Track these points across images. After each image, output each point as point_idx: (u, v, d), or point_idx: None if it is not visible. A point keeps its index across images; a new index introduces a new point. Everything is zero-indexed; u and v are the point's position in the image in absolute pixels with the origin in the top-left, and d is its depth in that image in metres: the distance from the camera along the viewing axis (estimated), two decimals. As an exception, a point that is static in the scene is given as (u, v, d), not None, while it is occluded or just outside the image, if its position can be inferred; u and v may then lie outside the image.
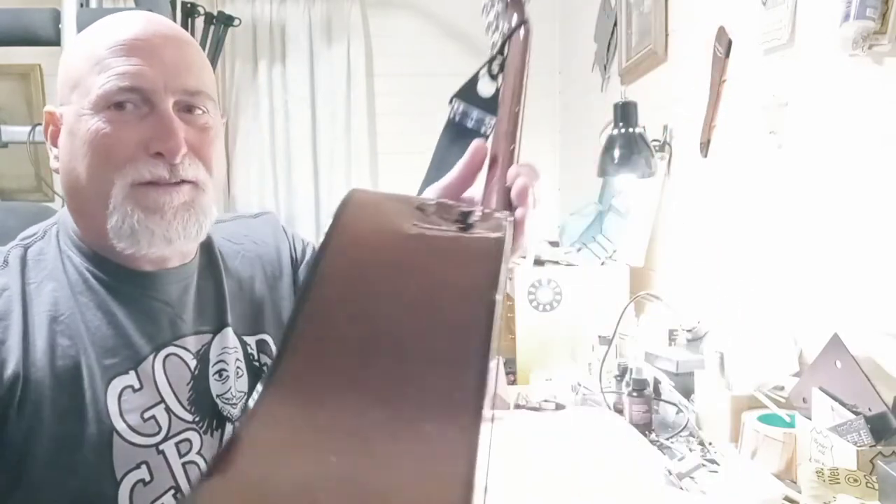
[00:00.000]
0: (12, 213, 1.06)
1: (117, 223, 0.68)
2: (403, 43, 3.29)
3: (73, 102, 0.69)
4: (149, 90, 0.67)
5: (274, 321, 0.85)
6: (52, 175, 3.05)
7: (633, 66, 2.05)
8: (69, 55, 0.72)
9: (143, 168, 0.67)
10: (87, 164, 0.68)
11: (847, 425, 0.91)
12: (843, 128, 1.11)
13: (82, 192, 0.70)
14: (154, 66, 0.68)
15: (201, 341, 0.77)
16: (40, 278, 0.71)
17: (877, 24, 0.96)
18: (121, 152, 0.67)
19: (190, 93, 0.70)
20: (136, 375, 0.71)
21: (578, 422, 1.31)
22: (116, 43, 0.67)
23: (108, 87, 0.66)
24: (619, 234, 1.97)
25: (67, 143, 0.70)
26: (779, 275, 1.29)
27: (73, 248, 0.74)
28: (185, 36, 0.73)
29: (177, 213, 0.69)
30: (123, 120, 0.67)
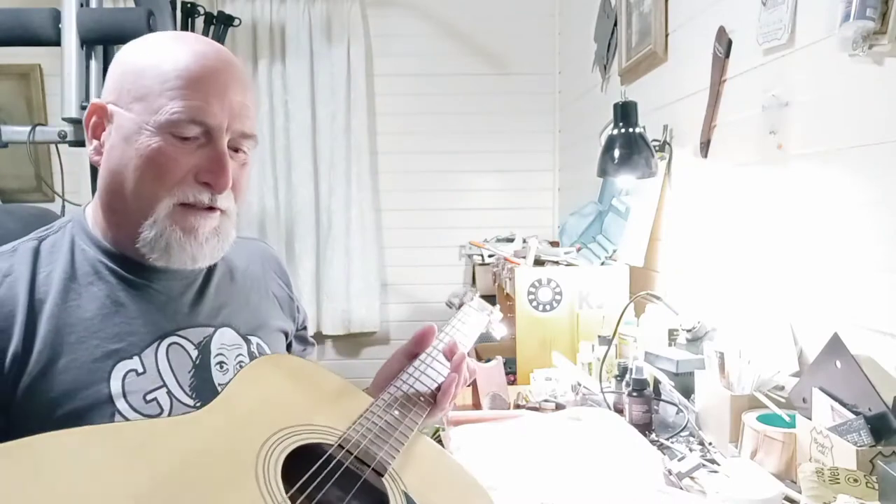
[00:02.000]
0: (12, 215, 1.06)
1: (155, 236, 0.76)
2: (403, 43, 3.30)
3: (133, 111, 0.75)
4: (213, 126, 0.75)
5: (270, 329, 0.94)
6: (52, 175, 3.06)
7: (633, 66, 2.05)
8: (133, 61, 0.77)
9: (189, 192, 0.76)
10: (139, 176, 0.75)
11: (847, 425, 0.91)
12: (844, 128, 1.11)
13: (124, 196, 0.77)
14: (222, 107, 0.75)
15: (203, 334, 0.83)
16: (51, 268, 0.77)
17: (877, 24, 0.96)
18: (174, 175, 0.75)
19: (243, 135, 0.79)
20: (140, 360, 0.76)
21: (578, 422, 1.31)
22: (190, 74, 0.74)
23: (178, 118, 0.73)
24: (619, 234, 1.97)
25: (119, 145, 0.76)
26: (779, 275, 1.29)
27: (88, 241, 0.80)
28: (246, 77, 0.81)
29: (208, 238, 0.79)
30: (182, 146, 0.75)
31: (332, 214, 3.24)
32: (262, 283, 0.97)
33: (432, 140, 3.33)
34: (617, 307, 1.65)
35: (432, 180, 3.35)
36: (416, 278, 3.40)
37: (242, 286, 0.92)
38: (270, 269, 1.00)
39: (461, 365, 0.89)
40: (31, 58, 2.92)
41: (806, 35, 1.19)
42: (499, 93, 3.31)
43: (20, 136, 2.09)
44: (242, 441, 0.66)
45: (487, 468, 1.11)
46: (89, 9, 2.02)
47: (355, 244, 3.26)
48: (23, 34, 1.95)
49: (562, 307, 1.78)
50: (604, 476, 1.06)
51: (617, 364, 1.49)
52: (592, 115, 2.62)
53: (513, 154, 3.36)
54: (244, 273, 0.94)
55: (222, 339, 0.84)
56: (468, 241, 3.11)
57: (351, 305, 3.25)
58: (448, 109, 3.32)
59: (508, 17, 3.29)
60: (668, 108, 1.83)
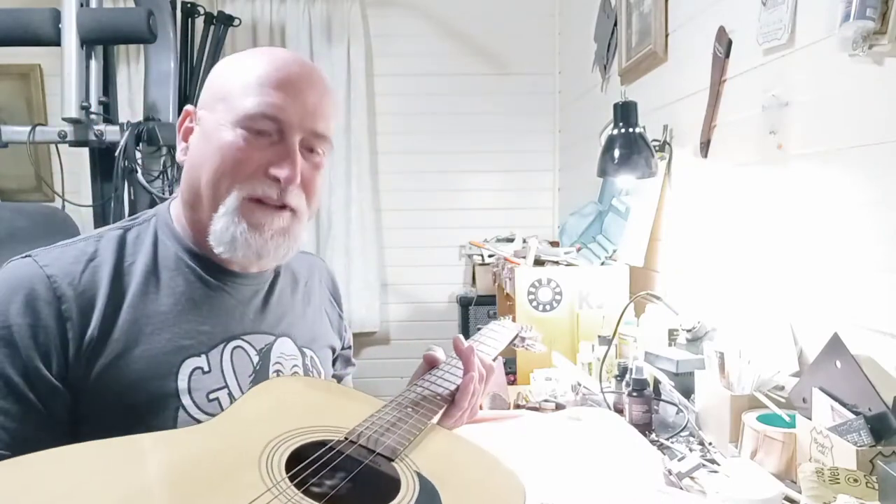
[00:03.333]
0: (21, 213, 1.08)
1: (222, 228, 0.78)
2: (403, 43, 3.30)
3: (216, 111, 0.79)
4: (284, 122, 0.77)
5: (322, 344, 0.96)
6: (52, 175, 3.06)
7: (633, 66, 2.05)
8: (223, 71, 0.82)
9: (258, 186, 0.77)
10: (213, 169, 0.77)
11: (847, 425, 0.91)
12: (844, 128, 1.11)
13: (200, 190, 0.79)
14: (295, 105, 0.78)
15: (264, 341, 0.85)
16: (136, 258, 0.80)
17: (877, 24, 0.96)
18: (246, 168, 0.77)
19: (316, 135, 0.81)
20: (207, 359, 0.78)
21: (578, 422, 1.31)
22: (269, 77, 0.78)
23: (253, 111, 0.76)
24: (619, 234, 1.97)
25: (200, 143, 0.80)
26: (779, 275, 1.29)
27: (171, 236, 0.83)
28: (326, 83, 0.83)
29: (274, 236, 0.79)
30: (255, 141, 0.77)
31: (332, 214, 3.24)
32: (318, 298, 0.99)
33: (432, 140, 3.33)
34: (617, 307, 1.65)
35: (432, 180, 3.35)
36: (416, 278, 3.40)
37: (302, 299, 0.95)
38: (325, 287, 1.03)
39: (471, 358, 0.88)
40: (31, 58, 2.93)
41: (806, 35, 1.19)
42: (499, 93, 3.31)
43: (20, 136, 2.09)
44: (246, 442, 0.67)
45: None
46: (89, 9, 2.02)
47: (355, 244, 3.26)
48: (23, 34, 1.96)
49: (562, 307, 1.78)
50: (604, 476, 1.06)
51: (617, 364, 1.49)
52: (592, 115, 2.62)
53: (513, 154, 3.36)
54: (305, 286, 0.97)
55: (282, 349, 0.86)
56: (468, 241, 3.11)
57: (351, 305, 3.25)
58: (448, 109, 3.32)
59: (508, 17, 3.29)
60: (668, 108, 1.83)
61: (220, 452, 0.64)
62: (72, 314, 0.73)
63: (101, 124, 2.07)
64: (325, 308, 1.01)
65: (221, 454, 0.64)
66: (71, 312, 0.73)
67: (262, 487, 0.60)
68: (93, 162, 2.21)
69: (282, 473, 0.62)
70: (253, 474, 0.62)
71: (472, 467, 0.74)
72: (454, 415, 0.86)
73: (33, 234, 0.83)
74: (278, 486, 0.60)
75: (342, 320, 1.05)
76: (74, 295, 0.73)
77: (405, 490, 0.66)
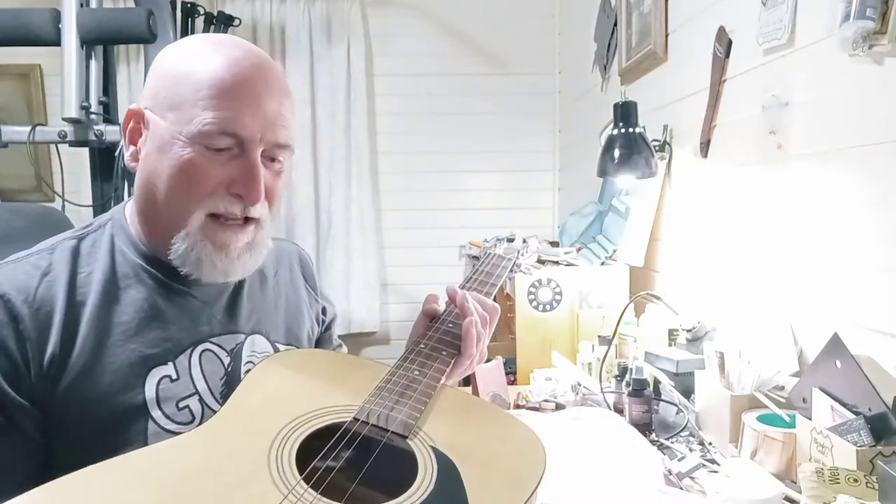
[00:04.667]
0: (18, 214, 1.07)
1: (186, 249, 0.74)
2: (403, 43, 3.30)
3: (167, 120, 0.73)
4: (245, 137, 0.73)
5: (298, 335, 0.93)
6: (52, 175, 3.06)
7: (633, 66, 2.05)
8: (168, 69, 0.75)
9: (221, 203, 0.74)
10: (171, 186, 0.73)
11: (847, 425, 0.91)
12: (844, 128, 1.11)
13: (158, 206, 0.75)
14: (255, 117, 0.73)
15: (235, 340, 0.82)
16: (91, 268, 0.76)
17: (877, 24, 0.96)
18: (205, 186, 0.73)
19: (277, 146, 0.77)
20: (174, 367, 0.76)
21: (578, 422, 1.31)
22: (223, 83, 0.72)
23: (209, 129, 0.71)
24: (619, 234, 1.97)
25: (154, 155, 0.75)
26: (779, 275, 1.29)
27: (128, 242, 0.79)
28: (283, 83, 0.78)
29: (240, 254, 0.77)
30: (215, 158, 0.73)
31: (331, 214, 3.24)
32: (292, 287, 0.96)
33: (432, 140, 3.33)
34: (617, 307, 1.65)
35: (432, 180, 3.35)
36: (416, 278, 3.40)
37: (273, 292, 0.92)
38: (299, 272, 0.99)
39: (465, 304, 0.85)
40: (31, 58, 2.92)
41: (806, 35, 1.19)
42: (499, 93, 3.31)
43: (20, 136, 2.09)
44: (251, 441, 0.64)
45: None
46: (89, 9, 2.02)
47: (355, 244, 3.26)
48: (23, 34, 1.95)
49: (562, 307, 1.78)
50: (604, 476, 1.06)
51: (617, 364, 1.49)
52: (592, 115, 2.62)
53: (513, 154, 3.36)
54: (275, 278, 0.93)
55: (253, 347, 0.84)
56: (468, 241, 3.11)
57: (351, 305, 3.25)
58: (448, 109, 3.32)
59: (508, 17, 3.29)
60: (668, 108, 1.83)
61: (225, 460, 0.62)
62: (30, 333, 0.70)
63: (101, 124, 2.07)
64: (301, 295, 0.97)
65: (226, 462, 0.62)
66: (29, 332, 0.70)
67: (278, 495, 0.57)
68: (93, 162, 2.21)
69: (295, 475, 0.60)
70: (264, 480, 0.59)
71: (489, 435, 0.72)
72: (463, 363, 0.84)
73: (31, 234, 0.81)
74: (294, 492, 0.58)
75: (318, 303, 1.01)
76: (30, 313, 0.71)
77: (423, 471, 0.63)
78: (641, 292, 1.66)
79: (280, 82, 0.77)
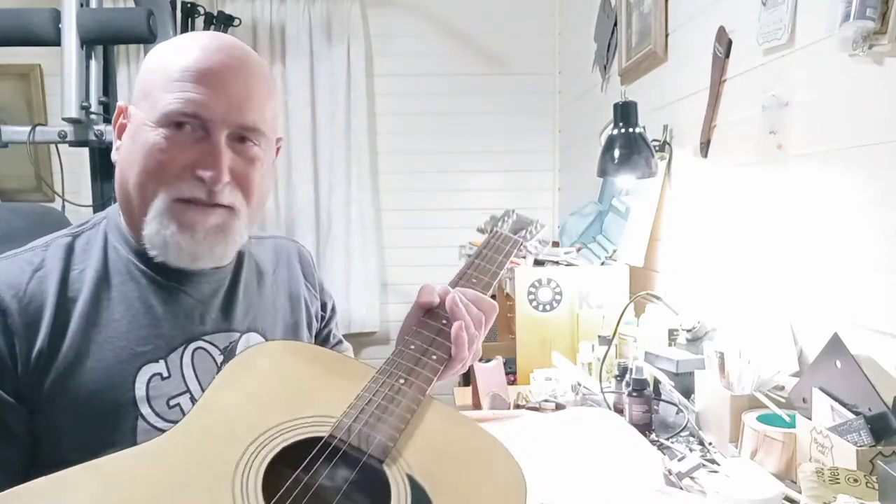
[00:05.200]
0: (18, 213, 1.07)
1: (153, 232, 0.74)
2: (403, 43, 3.30)
3: (141, 109, 0.75)
4: (207, 119, 0.73)
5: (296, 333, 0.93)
6: (52, 175, 3.05)
7: (633, 66, 2.05)
8: (148, 63, 0.77)
9: (185, 187, 0.73)
10: (138, 171, 0.74)
11: (847, 425, 0.91)
12: (844, 128, 1.11)
13: (129, 194, 0.76)
14: (218, 98, 0.73)
15: (229, 339, 0.82)
16: (85, 265, 0.77)
17: (877, 24, 0.96)
18: (170, 170, 0.73)
19: (245, 128, 0.76)
20: (166, 364, 0.76)
21: (578, 422, 1.31)
22: (189, 68, 0.73)
23: (172, 108, 0.72)
24: (619, 234, 1.97)
25: (128, 145, 0.77)
26: (779, 275, 1.29)
27: (121, 240, 0.79)
28: (256, 70, 0.78)
29: (207, 235, 0.75)
30: (179, 140, 0.73)
31: (331, 214, 3.24)
32: (290, 285, 0.95)
33: (432, 140, 3.33)
34: (617, 307, 1.65)
35: (432, 180, 3.35)
36: (416, 278, 3.39)
37: (270, 289, 0.91)
38: (298, 269, 0.98)
39: (454, 308, 0.80)
40: (31, 58, 2.92)
41: (806, 35, 1.19)
42: (499, 93, 3.31)
43: (20, 136, 2.09)
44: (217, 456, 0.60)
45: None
46: (89, 9, 2.02)
47: (355, 244, 3.26)
48: (23, 34, 1.95)
49: (562, 307, 1.78)
50: (604, 476, 1.06)
51: (617, 364, 1.49)
52: (592, 115, 2.62)
53: (513, 154, 3.36)
54: (272, 275, 0.93)
55: (248, 344, 0.83)
56: (468, 241, 3.10)
57: (351, 305, 3.25)
58: (448, 109, 3.31)
59: (508, 17, 3.29)
60: (668, 108, 1.83)
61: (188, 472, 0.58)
62: (17, 328, 0.70)
63: (101, 124, 2.07)
64: (301, 292, 0.96)
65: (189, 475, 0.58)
66: (16, 326, 0.70)
67: None
68: (93, 162, 2.21)
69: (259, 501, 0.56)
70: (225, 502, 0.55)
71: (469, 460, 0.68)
72: (455, 367, 0.80)
73: (30, 234, 0.81)
74: None
75: (318, 299, 0.99)
76: (19, 308, 0.71)
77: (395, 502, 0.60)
78: (641, 292, 1.66)
79: (251, 68, 0.77)
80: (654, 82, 1.93)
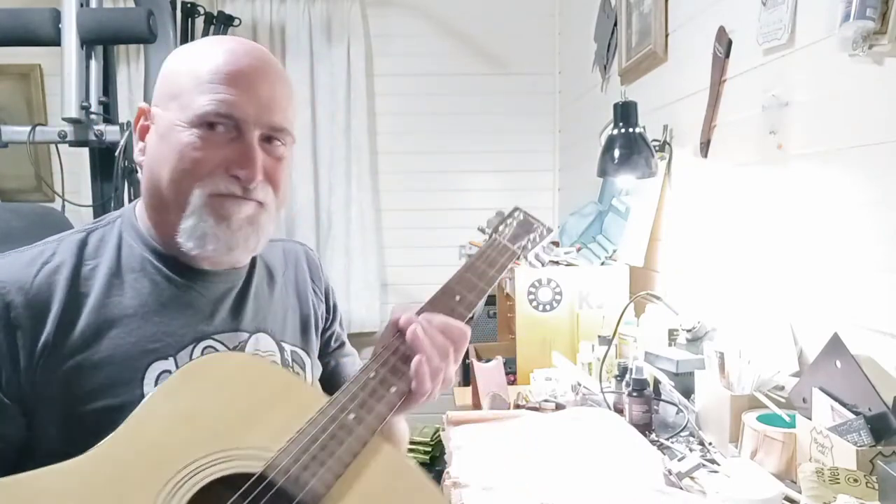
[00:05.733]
0: (16, 214, 1.07)
1: (191, 226, 0.76)
2: (403, 43, 3.30)
3: (169, 110, 0.77)
4: (240, 119, 0.76)
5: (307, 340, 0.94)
6: (52, 175, 3.06)
7: (633, 66, 2.05)
8: (174, 66, 0.80)
9: (221, 183, 0.76)
10: (172, 170, 0.76)
11: (847, 425, 0.91)
12: (844, 128, 1.11)
13: (162, 193, 0.78)
14: (249, 100, 0.76)
15: (238, 339, 0.83)
16: (98, 261, 0.78)
17: (877, 24, 0.96)
18: (205, 167, 0.76)
19: (274, 128, 0.79)
20: (175, 362, 0.76)
21: (578, 422, 1.31)
22: (220, 70, 0.76)
23: (207, 109, 0.75)
24: (619, 234, 1.97)
25: (156, 145, 0.78)
26: (779, 275, 1.29)
27: (136, 237, 0.81)
28: (280, 72, 0.81)
29: (241, 226, 0.78)
30: (213, 140, 0.76)
31: (331, 214, 3.24)
32: (298, 287, 0.97)
33: (432, 140, 3.33)
34: (617, 307, 1.65)
35: (432, 180, 3.35)
36: (416, 278, 3.40)
37: (281, 291, 0.93)
38: (306, 272, 1.00)
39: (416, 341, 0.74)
40: (31, 58, 2.92)
41: (806, 35, 1.19)
42: (499, 93, 3.31)
43: (20, 136, 2.09)
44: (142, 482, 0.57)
45: (487, 468, 1.11)
46: (89, 9, 2.02)
47: (355, 244, 3.26)
48: (23, 34, 1.95)
49: (562, 307, 1.78)
50: (604, 476, 1.06)
51: (617, 364, 1.49)
52: (592, 115, 2.62)
53: (513, 154, 3.36)
54: (282, 278, 0.94)
55: (256, 345, 0.84)
56: (468, 241, 3.10)
57: (351, 305, 3.25)
58: (448, 109, 3.32)
59: (508, 17, 3.29)
60: (668, 108, 1.83)
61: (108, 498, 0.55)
62: (21, 321, 0.70)
63: (101, 124, 2.07)
64: (308, 294, 0.97)
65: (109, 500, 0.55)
66: (21, 319, 0.70)
67: None
68: (93, 162, 2.21)
69: None
70: None
71: None
72: (417, 400, 0.75)
73: (30, 234, 0.81)
74: None
75: (323, 303, 1.00)
76: (25, 301, 0.71)
77: None
78: (641, 292, 1.66)
79: (276, 71, 0.81)
80: (654, 82, 1.93)
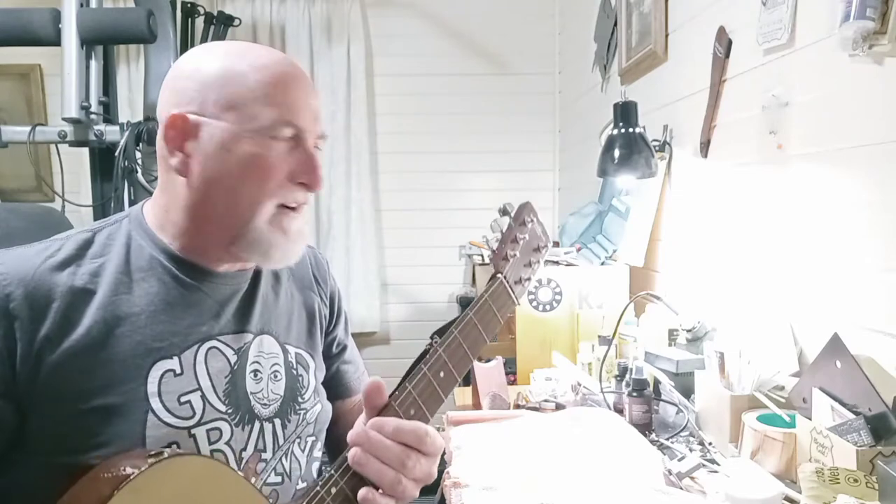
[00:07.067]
0: (16, 213, 1.07)
1: (257, 238, 0.78)
2: (403, 43, 3.30)
3: (227, 120, 0.76)
4: (302, 129, 0.79)
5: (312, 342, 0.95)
6: (52, 175, 3.06)
7: (633, 66, 2.05)
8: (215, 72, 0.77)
9: (289, 194, 0.78)
10: (242, 181, 0.76)
11: (847, 425, 0.91)
12: (843, 128, 1.11)
13: (221, 203, 0.77)
14: (306, 110, 0.80)
15: (243, 340, 0.83)
16: (105, 259, 0.78)
17: (877, 24, 0.96)
18: (276, 178, 0.77)
19: (321, 136, 0.83)
20: (179, 361, 0.76)
21: (578, 422, 1.31)
22: (276, 80, 0.77)
23: (276, 120, 0.76)
24: (619, 234, 1.97)
25: (217, 155, 0.76)
26: (779, 275, 1.29)
27: (146, 237, 0.81)
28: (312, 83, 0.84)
29: (297, 238, 0.81)
30: (277, 150, 0.77)
31: (331, 214, 3.25)
32: (306, 290, 0.97)
33: (432, 140, 3.33)
34: (617, 307, 1.65)
35: (432, 180, 3.35)
36: (416, 278, 3.40)
37: (286, 293, 0.93)
38: (313, 276, 1.01)
39: (357, 463, 0.69)
40: (31, 58, 2.93)
41: (806, 35, 1.19)
42: (499, 93, 3.31)
43: (20, 136, 2.09)
44: None
45: (487, 468, 1.11)
46: (89, 9, 2.02)
47: (355, 244, 3.26)
48: (23, 34, 1.96)
49: (562, 307, 1.78)
50: (604, 476, 1.06)
51: (617, 364, 1.49)
52: (592, 115, 2.62)
53: (513, 154, 3.36)
54: (289, 280, 0.95)
55: (261, 347, 0.85)
56: (468, 241, 3.11)
57: (351, 305, 3.25)
58: (448, 109, 3.32)
59: (508, 17, 3.29)
60: (668, 108, 1.83)
61: None
62: (20, 312, 0.70)
63: (101, 124, 2.07)
64: (314, 297, 0.98)
65: None
66: (20, 310, 0.70)
67: None
68: (93, 162, 2.21)
69: None
70: None
71: None
72: None
73: (30, 234, 0.81)
74: None
75: (327, 306, 1.01)
76: (25, 293, 0.71)
77: None
78: (641, 292, 1.66)
79: (309, 79, 0.84)
80: (654, 82, 1.93)
